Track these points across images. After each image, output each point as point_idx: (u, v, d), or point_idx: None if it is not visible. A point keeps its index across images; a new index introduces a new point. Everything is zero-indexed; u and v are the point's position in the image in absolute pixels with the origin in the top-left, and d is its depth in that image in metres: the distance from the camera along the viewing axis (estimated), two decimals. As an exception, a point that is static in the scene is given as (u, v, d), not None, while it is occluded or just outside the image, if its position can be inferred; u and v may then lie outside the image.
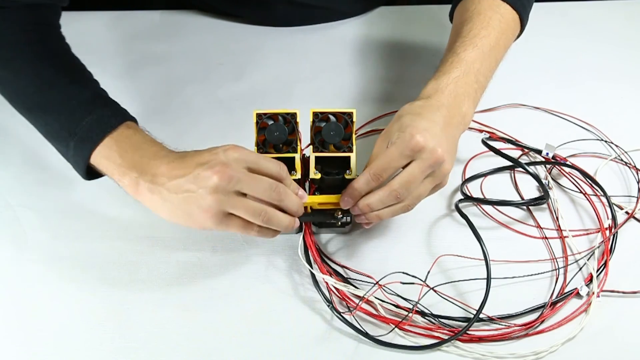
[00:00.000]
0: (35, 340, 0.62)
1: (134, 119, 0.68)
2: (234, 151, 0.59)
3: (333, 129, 0.64)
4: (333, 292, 0.65)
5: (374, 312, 0.64)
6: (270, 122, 0.64)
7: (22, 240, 0.71)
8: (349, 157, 0.65)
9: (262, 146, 0.65)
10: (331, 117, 0.65)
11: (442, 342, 0.61)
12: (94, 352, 0.61)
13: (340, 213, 0.65)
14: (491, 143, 0.74)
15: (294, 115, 0.65)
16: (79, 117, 0.65)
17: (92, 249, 0.70)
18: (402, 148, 0.61)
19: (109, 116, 0.65)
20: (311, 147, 0.65)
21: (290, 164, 0.65)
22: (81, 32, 1.01)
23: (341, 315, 0.63)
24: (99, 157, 0.64)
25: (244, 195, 0.59)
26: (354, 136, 0.65)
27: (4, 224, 0.73)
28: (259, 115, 0.64)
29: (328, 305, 0.64)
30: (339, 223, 0.68)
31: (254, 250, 0.69)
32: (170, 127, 0.85)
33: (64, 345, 0.61)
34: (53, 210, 0.74)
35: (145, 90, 0.92)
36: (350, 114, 0.65)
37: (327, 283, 0.65)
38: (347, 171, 0.65)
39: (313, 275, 0.66)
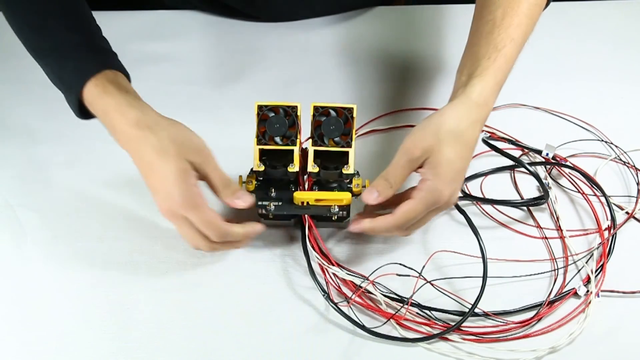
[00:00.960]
0: (35, 340, 0.62)
1: (115, 66, 0.67)
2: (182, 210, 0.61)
3: (333, 124, 0.65)
4: (330, 283, 0.66)
5: (371, 304, 0.64)
6: (271, 114, 0.65)
7: (22, 240, 0.71)
8: (347, 152, 0.65)
9: (262, 138, 0.65)
10: (332, 111, 0.65)
11: (438, 334, 0.61)
12: (94, 352, 0.61)
13: (336, 208, 0.66)
14: (491, 143, 0.74)
15: (294, 108, 0.65)
16: (64, 64, 0.66)
17: (92, 249, 0.70)
18: (429, 204, 0.61)
19: (88, 62, 0.66)
20: (310, 140, 0.66)
21: (289, 156, 0.65)
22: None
23: (337, 306, 0.63)
24: (88, 104, 0.66)
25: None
26: (353, 131, 0.65)
27: (4, 224, 0.73)
28: (260, 107, 0.65)
29: (324, 296, 0.64)
30: (335, 217, 0.68)
31: (253, 248, 0.69)
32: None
33: (64, 345, 0.62)
34: (53, 210, 0.74)
35: (145, 90, 0.92)
36: (350, 110, 0.65)
37: (325, 274, 0.66)
38: (345, 166, 0.65)
39: (310, 267, 0.66)
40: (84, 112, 0.67)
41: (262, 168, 0.66)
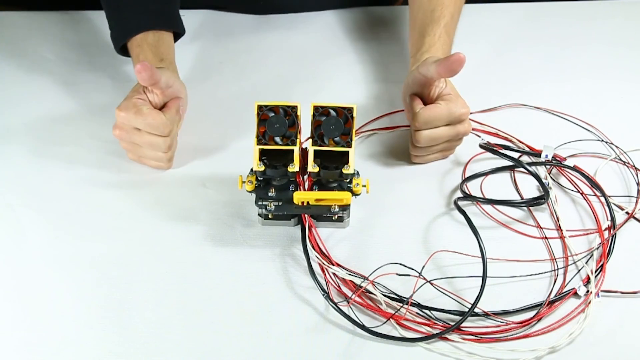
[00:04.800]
0: (35, 340, 0.62)
1: (158, 26, 0.84)
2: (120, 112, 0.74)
3: (333, 124, 0.65)
4: (330, 283, 0.66)
5: (370, 304, 0.64)
6: (271, 114, 0.65)
7: (22, 240, 0.71)
8: (347, 152, 0.65)
9: (262, 137, 0.65)
10: (332, 111, 0.65)
11: (437, 334, 0.61)
12: (94, 352, 0.61)
13: (336, 207, 0.66)
14: (489, 147, 0.74)
15: (294, 108, 0.65)
16: (116, 15, 0.85)
17: (92, 249, 0.70)
18: (451, 112, 0.74)
19: (131, 20, 0.83)
20: (310, 140, 0.66)
21: (289, 156, 0.65)
22: (84, 31, 1.02)
23: (337, 306, 0.63)
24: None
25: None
26: (353, 131, 0.65)
27: (4, 224, 0.73)
28: (260, 107, 0.65)
29: (324, 295, 0.64)
30: (335, 217, 0.68)
31: (253, 248, 0.69)
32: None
33: (64, 345, 0.62)
34: (53, 210, 0.74)
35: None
36: (350, 109, 0.65)
37: (325, 274, 0.66)
38: (345, 166, 0.65)
39: (310, 267, 0.66)
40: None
41: (262, 168, 0.66)
